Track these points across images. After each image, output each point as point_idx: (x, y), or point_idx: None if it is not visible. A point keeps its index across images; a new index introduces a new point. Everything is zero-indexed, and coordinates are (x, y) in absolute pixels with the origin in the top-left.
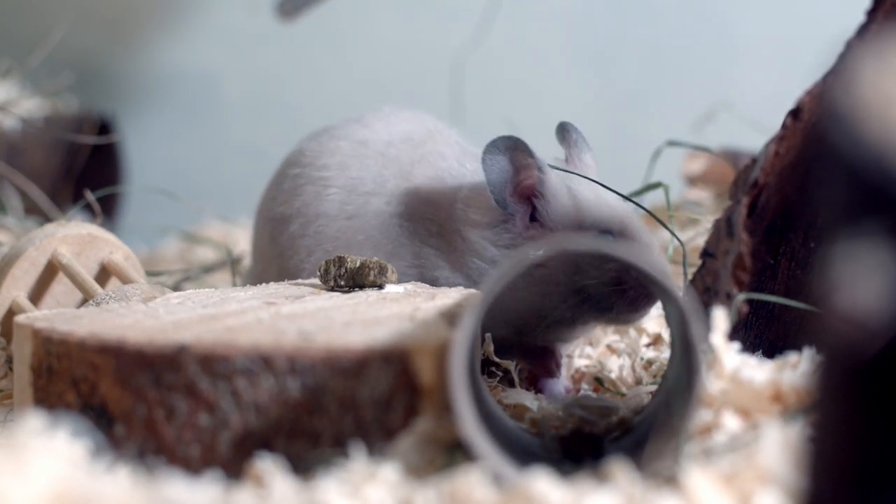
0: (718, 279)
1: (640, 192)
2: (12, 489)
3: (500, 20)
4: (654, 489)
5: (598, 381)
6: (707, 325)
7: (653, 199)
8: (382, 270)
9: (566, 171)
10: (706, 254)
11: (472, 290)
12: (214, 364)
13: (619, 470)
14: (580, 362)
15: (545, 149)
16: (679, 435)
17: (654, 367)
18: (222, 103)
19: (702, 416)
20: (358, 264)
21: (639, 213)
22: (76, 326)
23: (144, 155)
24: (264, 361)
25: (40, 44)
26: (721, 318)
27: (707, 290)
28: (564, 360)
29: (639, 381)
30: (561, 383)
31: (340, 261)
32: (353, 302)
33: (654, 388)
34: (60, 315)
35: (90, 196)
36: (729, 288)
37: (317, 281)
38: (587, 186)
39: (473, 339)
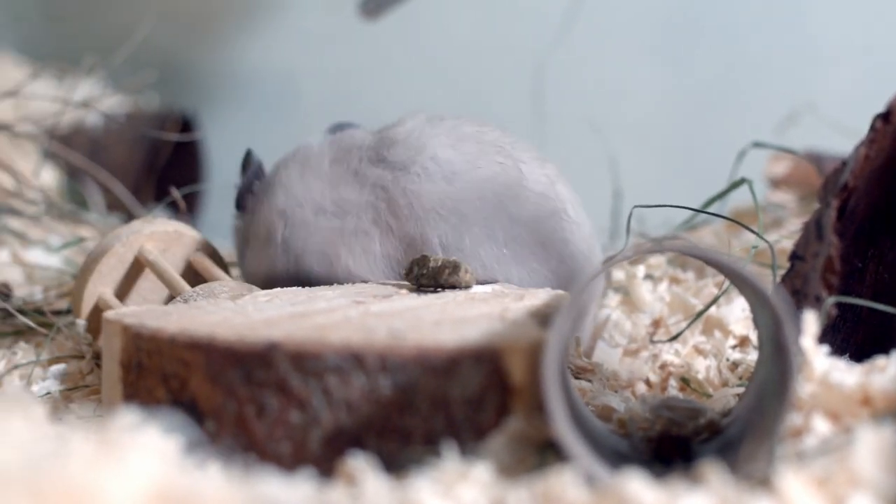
0: (807, 282)
1: (726, 192)
2: (112, 485)
3: (582, 21)
4: (748, 491)
5: (685, 382)
6: (798, 328)
7: (736, 200)
8: (455, 269)
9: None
10: (795, 257)
11: (560, 292)
12: (305, 361)
13: (712, 472)
14: (667, 358)
15: (627, 148)
16: (773, 437)
17: (740, 368)
18: (302, 101)
19: (792, 419)
20: (440, 264)
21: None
22: (165, 323)
23: (225, 152)
24: (355, 359)
25: (124, 42)
26: (811, 322)
27: (796, 293)
28: None
29: (725, 383)
30: None
31: (424, 260)
32: (441, 301)
33: (740, 389)
34: (149, 311)
35: (175, 193)
36: (818, 291)
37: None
38: None
39: (565, 340)
